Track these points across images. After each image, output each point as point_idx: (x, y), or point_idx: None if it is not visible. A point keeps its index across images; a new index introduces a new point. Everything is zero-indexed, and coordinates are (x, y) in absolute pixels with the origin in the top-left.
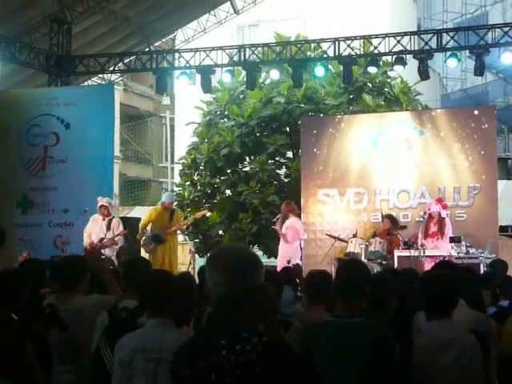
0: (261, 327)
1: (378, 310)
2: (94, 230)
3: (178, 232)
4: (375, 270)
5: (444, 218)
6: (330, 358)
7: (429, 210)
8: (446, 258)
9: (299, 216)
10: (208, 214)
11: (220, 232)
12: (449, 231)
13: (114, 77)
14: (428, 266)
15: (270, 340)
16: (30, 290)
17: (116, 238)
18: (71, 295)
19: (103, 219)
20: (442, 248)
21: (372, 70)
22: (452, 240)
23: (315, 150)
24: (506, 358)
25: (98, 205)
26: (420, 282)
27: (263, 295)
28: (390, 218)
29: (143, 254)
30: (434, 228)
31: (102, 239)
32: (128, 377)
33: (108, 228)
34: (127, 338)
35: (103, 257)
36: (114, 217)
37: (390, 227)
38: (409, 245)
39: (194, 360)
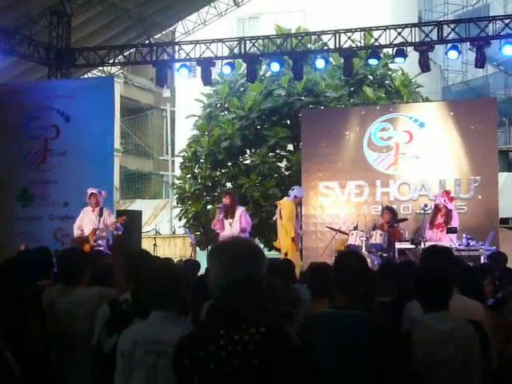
0: (261, 318)
1: (365, 304)
2: (85, 223)
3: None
4: (376, 263)
5: (451, 211)
6: (330, 349)
7: (434, 201)
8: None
9: None
10: (209, 207)
11: None
12: (456, 224)
13: (114, 69)
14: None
15: (268, 331)
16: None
17: (114, 225)
18: (72, 288)
19: (93, 210)
20: (444, 240)
21: (373, 62)
22: (449, 231)
23: (316, 142)
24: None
25: (88, 194)
26: (415, 276)
27: (264, 286)
28: (389, 209)
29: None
30: (440, 219)
31: (95, 230)
32: (129, 369)
33: (100, 217)
34: (130, 330)
35: (99, 248)
36: (103, 206)
37: (391, 219)
38: (416, 242)
39: (195, 350)
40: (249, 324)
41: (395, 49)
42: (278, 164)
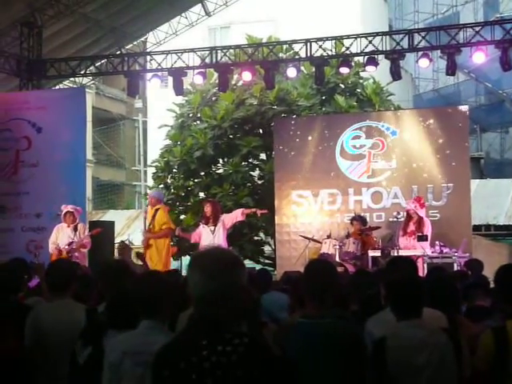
0: (242, 328)
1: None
2: (60, 238)
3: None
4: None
5: (422, 218)
6: (303, 358)
7: (406, 207)
8: (420, 258)
9: None
10: (182, 217)
11: None
12: (428, 231)
13: (85, 80)
14: None
15: (251, 341)
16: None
17: (86, 240)
18: (59, 299)
19: (68, 226)
20: (418, 247)
21: (344, 70)
22: (420, 238)
23: (288, 151)
24: (478, 372)
25: (63, 212)
26: (388, 284)
27: (244, 296)
28: (359, 218)
29: None
30: (412, 227)
31: (70, 243)
32: (117, 380)
33: (75, 231)
34: (118, 340)
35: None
36: (78, 222)
37: (361, 228)
38: (385, 253)
39: (175, 361)
40: (231, 334)
41: (366, 57)
42: (251, 173)
